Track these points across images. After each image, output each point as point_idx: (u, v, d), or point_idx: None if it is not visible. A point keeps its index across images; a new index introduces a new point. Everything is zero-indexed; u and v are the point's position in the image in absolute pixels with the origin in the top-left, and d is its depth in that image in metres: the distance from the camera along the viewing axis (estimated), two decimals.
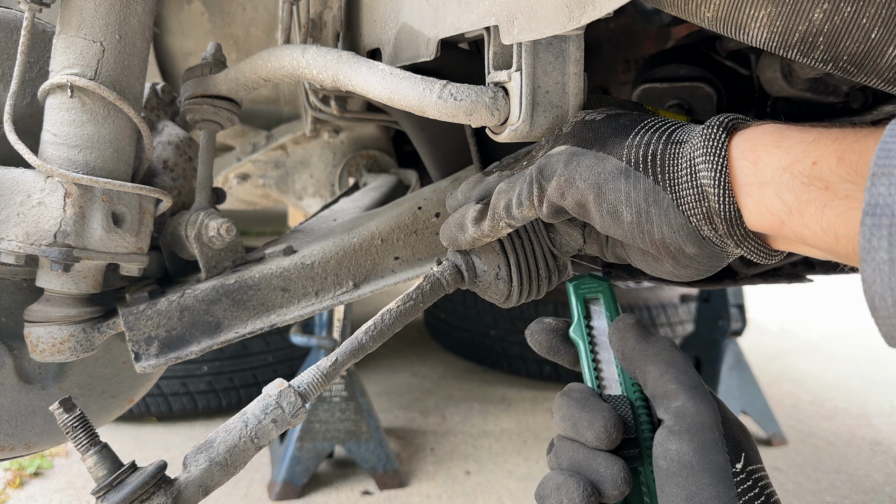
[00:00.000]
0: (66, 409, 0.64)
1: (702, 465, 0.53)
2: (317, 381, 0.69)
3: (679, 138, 0.55)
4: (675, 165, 0.54)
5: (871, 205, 0.38)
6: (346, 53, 0.82)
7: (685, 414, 0.55)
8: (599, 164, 0.58)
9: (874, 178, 0.38)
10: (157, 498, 0.61)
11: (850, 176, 0.42)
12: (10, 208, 0.85)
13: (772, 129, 0.50)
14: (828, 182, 0.44)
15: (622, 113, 0.63)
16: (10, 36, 0.93)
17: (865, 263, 0.38)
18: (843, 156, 0.43)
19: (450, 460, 2.78)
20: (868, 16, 0.53)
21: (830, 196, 0.43)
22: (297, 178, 2.12)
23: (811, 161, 0.45)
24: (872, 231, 0.38)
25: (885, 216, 0.37)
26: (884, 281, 0.37)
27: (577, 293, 0.70)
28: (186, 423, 3.02)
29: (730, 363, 3.00)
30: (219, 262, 1.02)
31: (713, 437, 0.54)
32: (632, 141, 0.58)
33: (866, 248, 0.38)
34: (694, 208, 0.53)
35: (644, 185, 0.55)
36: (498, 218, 0.67)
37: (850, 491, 2.63)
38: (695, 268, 0.58)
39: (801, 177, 0.45)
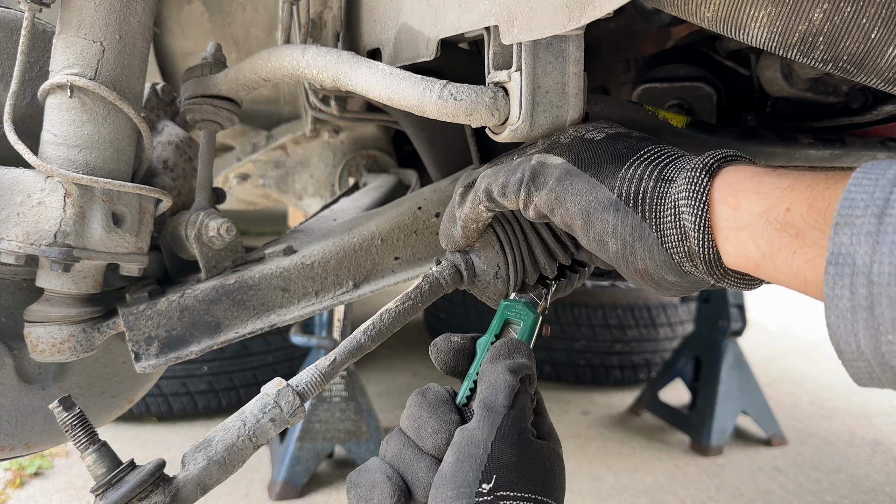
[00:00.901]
0: (66, 408, 0.64)
1: (451, 475, 0.56)
2: (315, 381, 0.69)
3: (669, 175, 0.56)
4: (661, 205, 0.55)
5: (833, 254, 0.39)
6: (346, 53, 0.82)
7: (465, 428, 0.58)
8: (591, 191, 0.59)
9: (837, 228, 0.40)
10: (156, 496, 0.61)
11: (819, 223, 0.43)
12: (10, 208, 0.85)
13: (752, 172, 0.51)
14: (798, 229, 0.45)
15: (622, 134, 0.64)
16: (10, 36, 0.93)
17: (829, 310, 0.40)
18: (814, 203, 0.44)
19: None
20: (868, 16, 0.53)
21: (800, 243, 0.45)
22: (297, 178, 2.12)
23: (785, 207, 0.46)
24: (836, 280, 0.39)
25: (847, 265, 0.39)
26: (847, 327, 0.39)
27: (503, 311, 0.71)
28: (186, 423, 3.02)
29: (730, 363, 3.00)
30: (219, 262, 1.02)
31: (474, 453, 0.56)
32: (625, 173, 0.58)
33: (830, 296, 0.40)
34: (676, 247, 0.54)
35: (631, 220, 0.56)
36: (478, 200, 0.68)
37: (850, 491, 2.63)
38: (676, 291, 0.60)
39: (774, 223, 0.46)
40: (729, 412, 2.96)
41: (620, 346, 3.59)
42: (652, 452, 2.94)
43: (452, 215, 0.74)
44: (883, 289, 0.37)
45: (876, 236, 0.38)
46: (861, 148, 0.99)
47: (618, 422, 3.26)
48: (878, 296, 0.37)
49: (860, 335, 0.39)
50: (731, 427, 2.96)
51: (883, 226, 0.38)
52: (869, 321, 0.38)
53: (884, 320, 0.37)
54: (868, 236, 0.38)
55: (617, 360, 3.61)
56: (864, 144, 1.00)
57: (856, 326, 0.39)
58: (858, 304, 0.38)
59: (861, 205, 0.39)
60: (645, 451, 2.96)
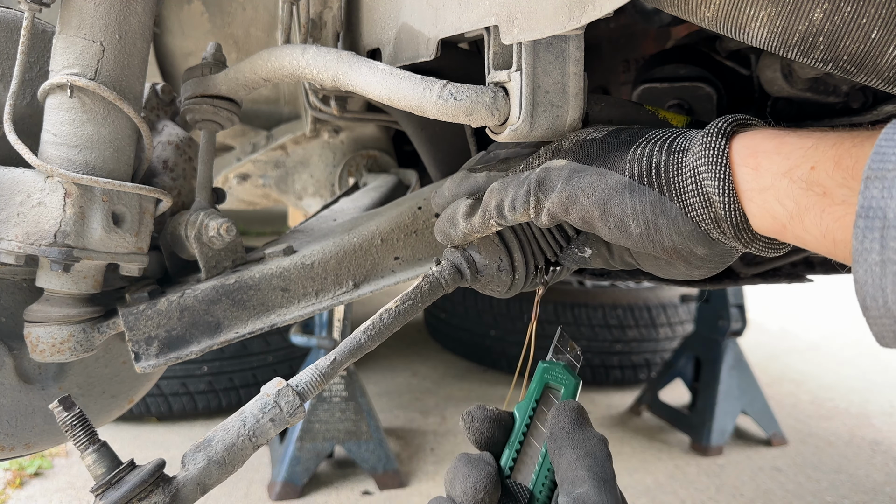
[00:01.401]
0: (66, 408, 0.64)
1: None
2: (315, 381, 0.69)
3: (681, 146, 0.56)
4: (679, 175, 0.54)
5: (864, 207, 0.38)
6: (346, 53, 0.82)
7: (585, 500, 0.54)
8: (602, 179, 0.59)
9: (868, 182, 0.38)
10: (156, 496, 0.61)
11: (847, 181, 0.42)
12: (10, 208, 0.85)
13: (771, 134, 0.50)
14: (825, 187, 0.44)
15: (623, 129, 0.64)
16: (10, 36, 0.93)
17: (857, 264, 0.39)
18: (840, 160, 0.43)
19: (450, 460, 2.77)
20: (868, 16, 0.53)
21: (828, 201, 0.44)
22: (297, 178, 2.12)
23: (810, 166, 0.45)
24: (865, 233, 0.38)
25: (878, 218, 0.37)
26: (875, 281, 0.38)
27: (543, 375, 0.69)
28: (186, 423, 3.02)
29: (730, 363, 3.00)
30: (219, 262, 1.02)
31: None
32: (633, 155, 0.58)
33: (859, 250, 0.38)
34: (702, 214, 0.53)
35: (650, 197, 0.56)
36: (488, 216, 0.68)
37: (850, 491, 2.63)
38: (707, 267, 0.59)
39: (800, 182, 0.46)
40: (729, 412, 2.96)
41: (620, 346, 3.59)
42: (652, 452, 2.94)
43: (454, 219, 0.73)
44: None
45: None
46: None
47: (618, 422, 3.26)
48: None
49: (888, 290, 0.37)
50: (731, 427, 2.96)
51: None
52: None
53: None
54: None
55: (617, 360, 3.61)
56: None
57: (884, 280, 0.37)
58: (889, 258, 0.37)
59: (894, 158, 0.38)
60: (645, 451, 2.96)
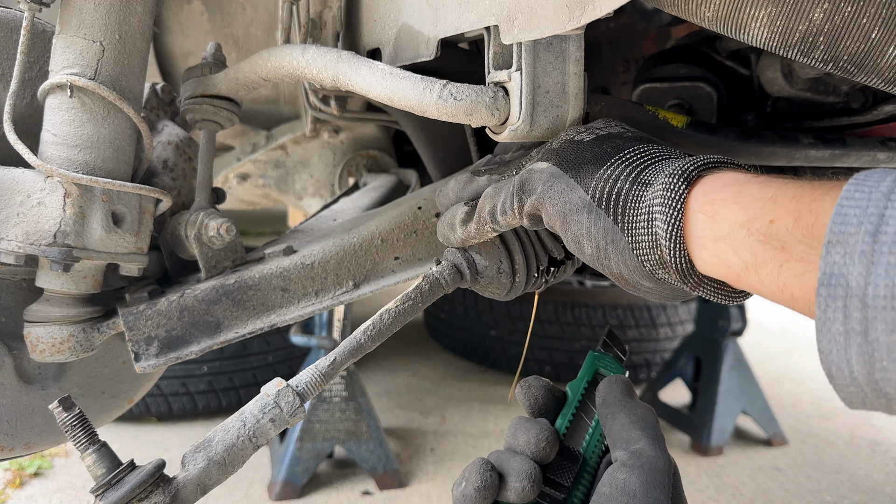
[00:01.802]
0: (66, 408, 0.64)
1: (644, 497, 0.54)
2: (315, 381, 0.69)
3: (646, 178, 0.55)
4: (635, 209, 0.54)
5: (826, 274, 0.38)
6: (346, 53, 0.82)
7: (642, 454, 0.57)
8: (568, 192, 0.59)
9: (829, 247, 0.38)
10: (156, 496, 0.61)
11: (806, 238, 0.41)
12: (9, 208, 0.85)
13: (731, 181, 0.49)
14: (784, 242, 0.43)
15: (613, 134, 0.63)
16: (9, 36, 0.93)
17: (821, 334, 0.38)
18: (800, 216, 0.42)
19: (450, 460, 2.78)
20: (868, 15, 0.53)
21: (786, 257, 0.43)
22: (296, 178, 2.12)
23: (769, 219, 0.44)
24: (828, 302, 0.37)
25: (840, 286, 0.37)
26: (839, 352, 0.37)
27: (593, 362, 0.73)
28: (186, 423, 3.02)
29: (730, 363, 3.00)
30: (219, 262, 1.02)
31: (663, 479, 0.55)
32: (602, 173, 0.58)
33: (822, 319, 0.38)
34: (648, 254, 0.53)
35: (604, 223, 0.56)
36: (483, 222, 0.69)
37: (850, 491, 2.63)
38: (656, 296, 0.59)
39: (757, 234, 0.45)
40: (729, 412, 2.96)
41: None
42: None
43: (452, 224, 0.74)
44: (878, 312, 0.35)
45: (871, 256, 0.36)
46: (861, 148, 0.99)
47: None
48: (874, 320, 0.35)
49: (853, 360, 0.37)
50: (731, 427, 2.96)
51: (878, 245, 0.35)
52: (863, 346, 0.36)
53: (878, 346, 0.35)
54: (862, 256, 0.36)
55: None
56: (865, 144, 1.00)
57: (849, 352, 0.37)
58: (852, 329, 0.36)
59: (854, 221, 0.37)
60: None
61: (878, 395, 0.37)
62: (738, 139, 0.92)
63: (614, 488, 0.55)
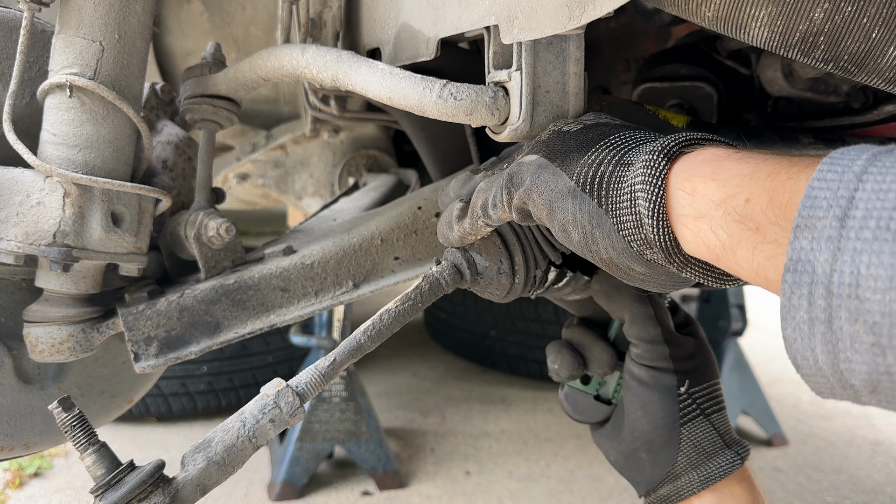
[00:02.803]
0: (65, 409, 0.64)
1: (654, 384, 0.72)
2: (315, 381, 0.68)
3: (629, 160, 0.54)
4: (617, 190, 0.53)
5: (792, 260, 0.36)
6: (345, 53, 0.82)
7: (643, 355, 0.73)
8: (554, 181, 0.58)
9: (797, 231, 0.36)
10: (155, 497, 0.61)
11: (779, 219, 0.40)
12: (9, 208, 0.85)
13: (711, 156, 0.48)
14: (758, 223, 0.42)
15: (600, 124, 0.63)
16: (9, 36, 0.93)
17: (785, 322, 0.37)
18: (774, 196, 0.41)
19: (450, 461, 2.78)
20: (869, 15, 0.52)
21: (760, 238, 0.41)
22: (296, 177, 2.12)
23: (745, 198, 0.43)
24: (793, 289, 0.36)
25: (806, 273, 0.36)
26: (804, 341, 0.36)
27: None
28: (186, 423, 3.02)
29: (730, 363, 2.99)
30: (218, 262, 1.02)
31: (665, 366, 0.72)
32: (587, 159, 0.57)
33: (786, 307, 0.37)
34: (633, 234, 0.52)
35: (588, 207, 0.55)
36: (476, 216, 0.69)
37: (850, 491, 2.63)
38: (653, 284, 0.58)
39: (733, 214, 0.43)
40: (729, 412, 2.94)
41: None
42: None
43: (450, 223, 0.74)
44: (843, 301, 0.34)
45: (837, 242, 0.34)
46: None
47: None
48: (838, 308, 0.34)
49: (818, 350, 0.36)
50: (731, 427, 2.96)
51: (845, 230, 0.34)
52: (827, 335, 0.35)
53: (842, 335, 0.34)
54: (829, 241, 0.34)
55: None
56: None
57: (813, 341, 0.36)
58: (816, 317, 0.35)
59: (823, 204, 0.35)
60: None
61: (845, 385, 0.36)
62: (739, 139, 0.92)
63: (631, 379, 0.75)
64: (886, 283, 0.32)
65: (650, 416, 0.72)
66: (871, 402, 0.36)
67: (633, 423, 0.74)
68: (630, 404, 0.75)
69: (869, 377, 0.34)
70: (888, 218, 0.33)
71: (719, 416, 0.74)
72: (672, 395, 0.72)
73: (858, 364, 0.34)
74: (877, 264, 0.32)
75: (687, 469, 0.71)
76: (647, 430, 0.73)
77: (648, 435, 0.73)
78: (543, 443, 2.95)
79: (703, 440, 0.72)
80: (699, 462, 0.71)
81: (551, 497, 2.51)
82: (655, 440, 0.72)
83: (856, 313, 0.33)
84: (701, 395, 0.73)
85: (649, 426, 0.73)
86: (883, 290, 0.32)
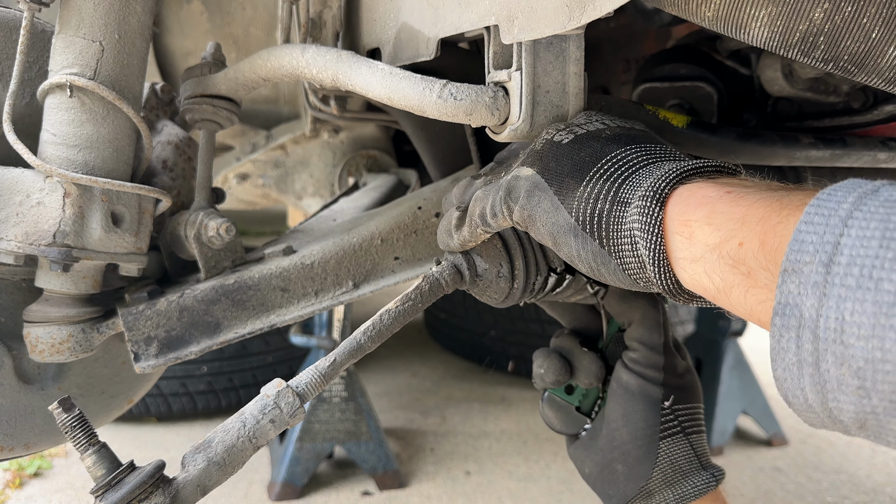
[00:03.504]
0: (65, 409, 0.64)
1: (640, 393, 0.74)
2: (315, 382, 0.68)
3: (624, 197, 0.54)
4: (618, 232, 0.54)
5: (780, 304, 0.38)
6: (345, 53, 0.82)
7: (639, 360, 0.75)
8: (554, 213, 0.59)
9: (785, 275, 0.38)
10: (156, 497, 0.61)
11: (768, 264, 0.41)
12: (9, 208, 0.85)
13: (703, 199, 0.49)
14: (749, 267, 0.43)
15: (592, 135, 0.62)
16: (9, 36, 0.93)
17: (775, 363, 0.38)
18: (765, 240, 0.42)
19: (450, 461, 2.78)
20: (869, 15, 0.52)
21: (752, 283, 0.43)
22: (296, 177, 2.12)
23: (738, 242, 0.44)
24: (781, 332, 0.38)
25: (794, 317, 0.37)
26: (794, 381, 0.38)
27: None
28: (186, 423, 3.02)
29: (730, 363, 2.99)
30: (218, 262, 1.02)
31: (655, 377, 0.74)
32: (583, 191, 0.57)
33: (776, 349, 0.38)
34: (638, 274, 0.54)
35: (591, 247, 0.56)
36: (475, 224, 0.69)
37: (850, 491, 2.63)
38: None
39: (727, 258, 0.45)
40: (729, 412, 2.95)
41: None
42: None
43: (449, 230, 0.74)
44: (829, 345, 0.35)
45: (823, 288, 0.35)
46: (862, 148, 0.99)
47: None
48: (824, 352, 0.35)
49: (807, 389, 0.37)
50: (731, 427, 2.96)
51: (830, 276, 0.35)
52: (815, 377, 0.36)
53: (829, 377, 0.35)
54: (815, 287, 0.36)
55: None
56: (865, 144, 1.00)
57: (802, 381, 0.37)
58: (804, 359, 0.36)
59: (810, 248, 0.37)
60: None
61: (835, 421, 0.37)
62: (739, 139, 0.91)
63: (619, 386, 0.75)
64: (869, 331, 0.33)
65: (631, 425, 0.73)
66: (860, 436, 0.37)
67: (612, 431, 0.75)
68: (612, 412, 0.76)
69: (856, 416, 0.35)
70: (870, 266, 0.34)
71: (698, 437, 0.75)
72: (656, 407, 0.73)
73: (846, 404, 0.35)
74: (860, 312, 0.34)
75: (661, 486, 0.72)
76: (627, 439, 0.73)
77: (627, 445, 0.73)
78: (543, 443, 2.95)
79: (679, 458, 0.72)
80: (674, 480, 0.72)
81: (551, 497, 2.51)
82: (633, 451, 0.73)
83: (841, 357, 0.35)
84: (684, 414, 0.74)
85: (629, 436, 0.73)
86: (866, 336, 0.33)
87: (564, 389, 0.84)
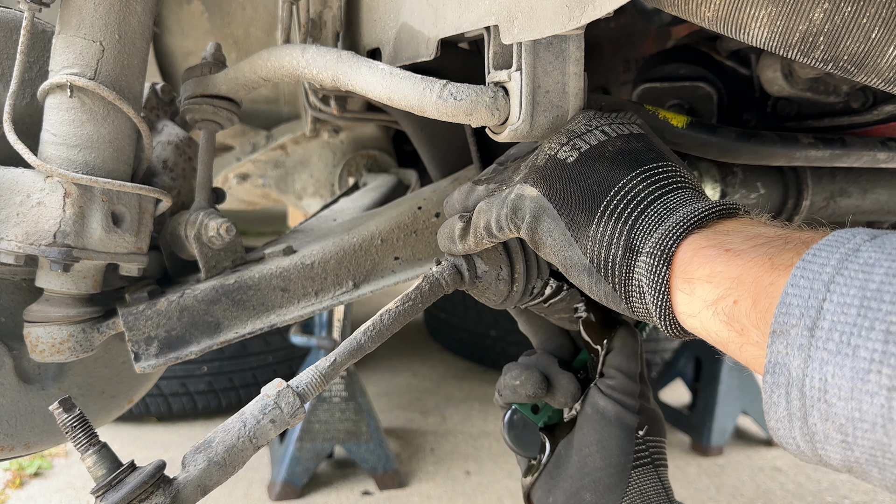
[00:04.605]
0: (66, 409, 0.64)
1: (616, 420, 0.74)
2: (315, 382, 0.68)
3: (635, 244, 0.56)
4: (628, 281, 0.57)
5: (770, 363, 0.41)
6: (345, 53, 0.82)
7: (616, 387, 0.75)
8: (567, 249, 0.61)
9: (774, 336, 0.41)
10: (156, 497, 0.61)
11: (760, 324, 0.44)
12: (9, 208, 0.85)
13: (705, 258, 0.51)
14: (743, 325, 0.46)
15: (595, 155, 0.62)
16: (9, 36, 0.93)
17: (769, 415, 0.42)
18: (758, 300, 0.45)
19: (450, 460, 2.78)
20: (868, 15, 0.52)
21: (745, 340, 0.46)
22: (296, 177, 2.12)
23: (733, 300, 0.47)
24: (773, 388, 0.41)
25: (783, 374, 0.40)
26: (786, 431, 0.41)
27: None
28: (186, 423, 3.02)
29: (730, 363, 2.98)
30: (218, 262, 1.02)
31: (632, 404, 0.74)
32: (594, 232, 0.59)
33: (768, 402, 0.42)
34: (645, 317, 0.58)
35: (604, 287, 0.59)
36: (480, 236, 0.70)
37: (850, 491, 2.63)
38: None
39: (722, 315, 0.48)
40: (729, 412, 2.96)
41: None
42: None
43: (452, 238, 0.74)
44: (814, 402, 0.38)
45: (808, 350, 0.38)
46: (861, 148, 0.99)
47: None
48: (811, 408, 0.39)
49: (798, 439, 0.40)
50: (731, 427, 2.96)
51: (814, 339, 0.38)
52: (804, 429, 0.39)
53: (817, 430, 0.39)
54: (800, 349, 0.39)
55: None
56: (865, 144, 1.00)
57: (793, 432, 0.40)
58: (794, 413, 0.40)
59: (796, 312, 0.40)
60: None
61: (826, 463, 0.41)
62: (738, 139, 0.92)
63: (595, 411, 0.75)
64: (848, 393, 0.36)
65: (605, 451, 0.73)
66: (851, 476, 0.41)
67: (584, 458, 0.75)
68: (585, 438, 0.75)
69: (843, 463, 0.39)
70: (849, 333, 0.37)
71: (665, 472, 0.76)
72: (630, 435, 0.73)
73: (833, 453, 0.39)
74: (840, 375, 0.37)
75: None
76: (600, 466, 0.73)
77: (598, 472, 0.73)
78: None
79: (649, 490, 0.73)
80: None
81: None
82: (604, 479, 0.73)
83: (826, 414, 0.38)
84: (654, 446, 0.75)
85: (602, 462, 0.73)
86: (846, 398, 0.37)
87: (531, 408, 0.82)
